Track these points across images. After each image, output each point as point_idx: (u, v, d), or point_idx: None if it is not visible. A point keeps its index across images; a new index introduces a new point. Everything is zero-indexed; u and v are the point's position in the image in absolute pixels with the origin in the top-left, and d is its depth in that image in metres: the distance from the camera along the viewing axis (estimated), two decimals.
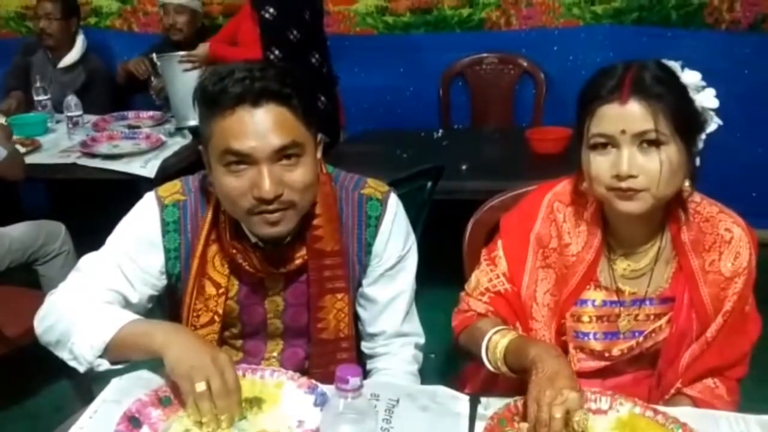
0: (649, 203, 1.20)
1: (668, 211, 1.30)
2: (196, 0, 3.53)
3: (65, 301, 1.30)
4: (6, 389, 2.45)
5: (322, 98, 2.80)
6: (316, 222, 1.33)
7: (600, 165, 1.20)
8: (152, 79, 3.31)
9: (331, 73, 2.90)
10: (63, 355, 1.26)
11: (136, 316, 1.27)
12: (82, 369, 1.24)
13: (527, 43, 3.66)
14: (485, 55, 3.69)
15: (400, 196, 1.45)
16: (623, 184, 1.18)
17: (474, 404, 1.21)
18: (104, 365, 1.24)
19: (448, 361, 2.34)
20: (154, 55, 2.97)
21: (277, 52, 2.65)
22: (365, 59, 3.79)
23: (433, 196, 2.26)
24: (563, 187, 1.37)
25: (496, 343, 1.24)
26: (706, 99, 1.21)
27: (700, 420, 1.15)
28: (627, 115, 1.17)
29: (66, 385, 2.30)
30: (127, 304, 1.33)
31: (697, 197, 1.31)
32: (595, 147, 1.21)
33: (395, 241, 1.40)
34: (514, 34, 3.69)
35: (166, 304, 1.47)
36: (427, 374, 1.51)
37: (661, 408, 1.18)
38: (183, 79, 2.82)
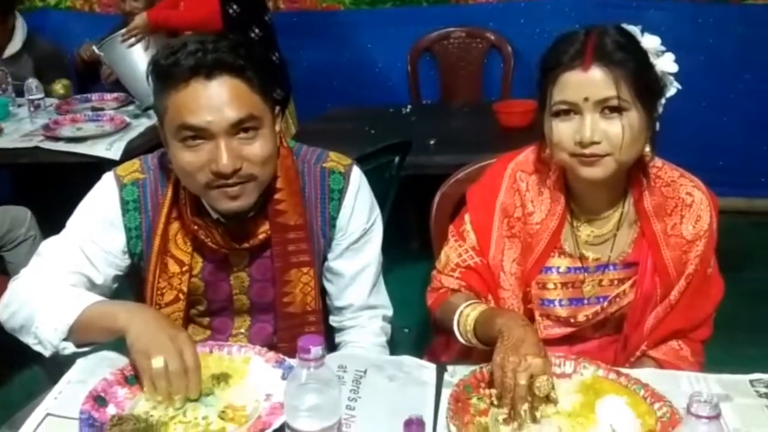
0: (612, 168, 1.21)
1: (630, 177, 1.31)
2: None
3: (27, 287, 1.28)
4: None
5: (277, 54, 2.88)
6: (278, 196, 1.32)
7: (563, 131, 1.21)
8: (103, 64, 3.24)
9: None
10: (28, 340, 1.25)
11: (99, 298, 1.25)
12: (47, 353, 1.23)
13: (494, 16, 3.66)
14: (453, 29, 3.68)
15: (367, 172, 1.45)
16: (586, 151, 1.19)
17: (440, 372, 1.22)
18: (69, 348, 1.23)
19: (422, 336, 2.36)
20: (94, 48, 2.92)
21: (235, 7, 2.77)
22: (332, 35, 3.76)
23: (401, 171, 2.26)
24: (525, 156, 1.38)
25: (466, 316, 1.25)
26: (666, 64, 1.22)
27: (661, 380, 1.17)
28: (589, 81, 1.17)
29: (39, 372, 2.27)
30: (92, 286, 1.32)
31: (658, 162, 1.33)
32: (557, 114, 1.21)
33: (359, 214, 1.39)
34: (481, 7, 3.69)
35: (133, 284, 1.46)
36: (402, 349, 1.51)
37: (623, 370, 1.20)
38: (130, 58, 2.78)
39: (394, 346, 1.50)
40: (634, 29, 1.23)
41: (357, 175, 1.39)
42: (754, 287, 2.89)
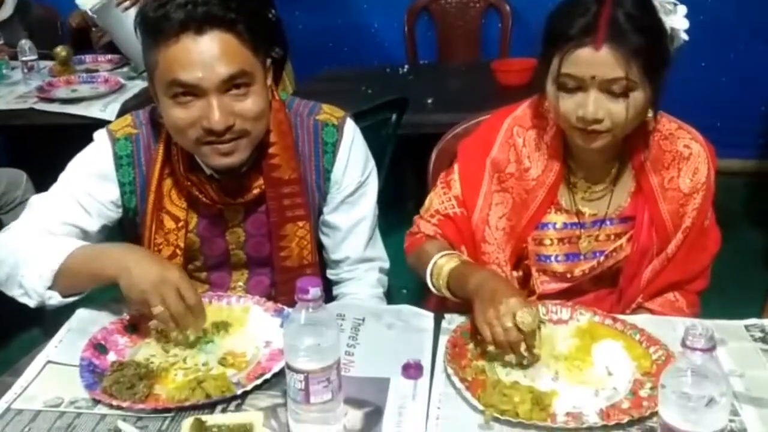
0: (610, 141, 1.20)
1: (629, 135, 1.28)
2: None
3: (15, 238, 1.27)
4: None
5: (273, 11, 2.81)
6: (271, 151, 1.31)
7: (566, 104, 1.18)
8: (92, 29, 3.19)
9: None
10: (14, 291, 1.24)
11: (83, 243, 1.24)
12: (32, 303, 1.22)
13: None
14: None
15: (364, 129, 1.43)
16: (587, 127, 1.17)
17: (438, 320, 1.23)
18: (55, 298, 1.21)
19: (420, 296, 2.36)
20: (87, 11, 2.87)
21: None
22: None
23: (398, 130, 2.25)
24: (523, 111, 1.36)
25: (440, 268, 1.25)
26: (677, 21, 1.18)
27: (657, 325, 1.18)
28: (599, 61, 1.13)
29: (38, 333, 2.29)
30: (84, 236, 1.31)
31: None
32: (563, 87, 1.18)
33: (354, 167, 1.38)
34: None
35: (129, 241, 1.44)
36: None
37: (620, 316, 1.21)
38: (125, 22, 2.74)
39: (387, 296, 1.50)
40: None
41: (351, 128, 1.38)
42: (749, 247, 2.91)
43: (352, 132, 1.38)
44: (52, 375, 1.10)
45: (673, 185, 1.31)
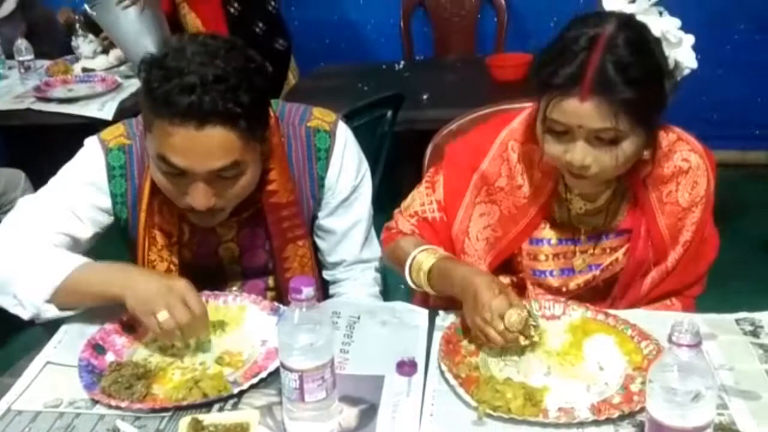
0: (600, 182, 1.19)
1: None
2: None
3: (8, 246, 1.25)
4: None
5: (281, 41, 2.89)
6: (269, 177, 1.30)
7: (554, 148, 1.16)
8: (77, 29, 3.13)
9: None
10: (5, 301, 1.22)
11: (85, 259, 1.23)
12: (26, 315, 1.21)
13: None
14: None
15: (360, 126, 1.43)
16: (575, 171, 1.15)
17: (432, 317, 1.24)
18: (51, 311, 1.20)
19: (414, 292, 2.37)
20: (86, 7, 2.87)
21: (236, 5, 2.80)
22: None
23: (394, 126, 2.25)
24: (519, 124, 1.30)
25: (420, 263, 1.24)
26: (683, 54, 1.13)
27: (650, 321, 1.19)
28: (585, 112, 1.09)
29: (39, 330, 2.30)
30: (75, 244, 1.30)
31: None
32: (550, 130, 1.15)
33: (347, 171, 1.37)
34: None
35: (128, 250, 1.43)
36: None
37: (612, 311, 1.22)
38: (124, 21, 2.74)
39: (384, 294, 1.50)
40: (647, 22, 1.11)
41: (343, 131, 1.37)
42: (747, 238, 2.92)
43: (344, 136, 1.37)
44: (52, 376, 1.12)
45: (671, 199, 1.27)
